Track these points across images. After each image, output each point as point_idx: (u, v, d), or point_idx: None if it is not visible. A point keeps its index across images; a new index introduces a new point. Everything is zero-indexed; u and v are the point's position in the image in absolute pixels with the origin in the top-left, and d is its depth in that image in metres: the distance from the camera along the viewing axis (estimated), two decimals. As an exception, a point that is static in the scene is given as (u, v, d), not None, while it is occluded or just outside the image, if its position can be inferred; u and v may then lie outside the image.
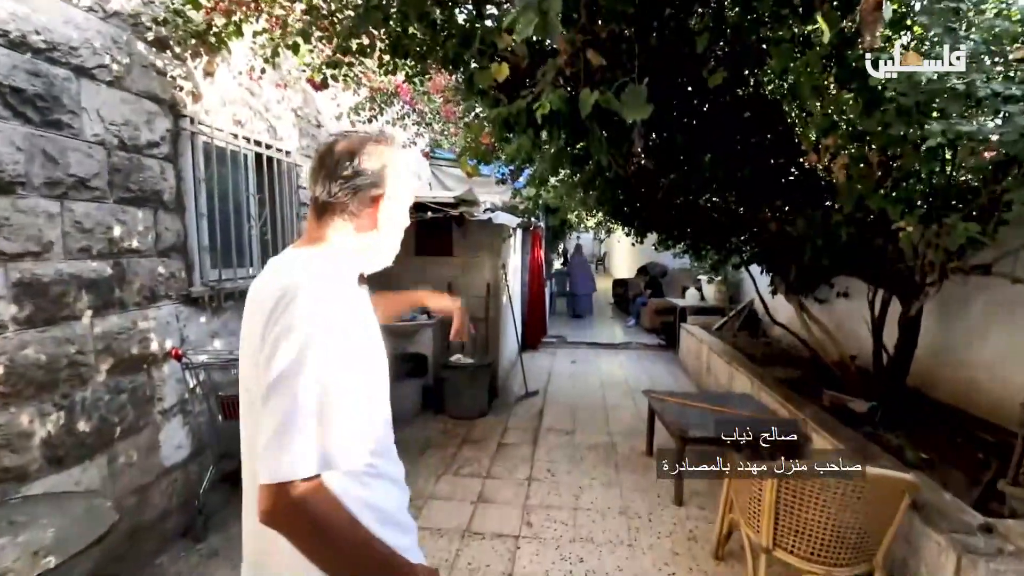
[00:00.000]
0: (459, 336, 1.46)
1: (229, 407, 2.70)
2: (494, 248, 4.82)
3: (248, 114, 3.32)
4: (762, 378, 3.92)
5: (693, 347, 5.87)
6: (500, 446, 3.92)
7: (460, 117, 3.22)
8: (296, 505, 0.73)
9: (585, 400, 5.04)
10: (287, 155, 3.75)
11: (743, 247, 4.18)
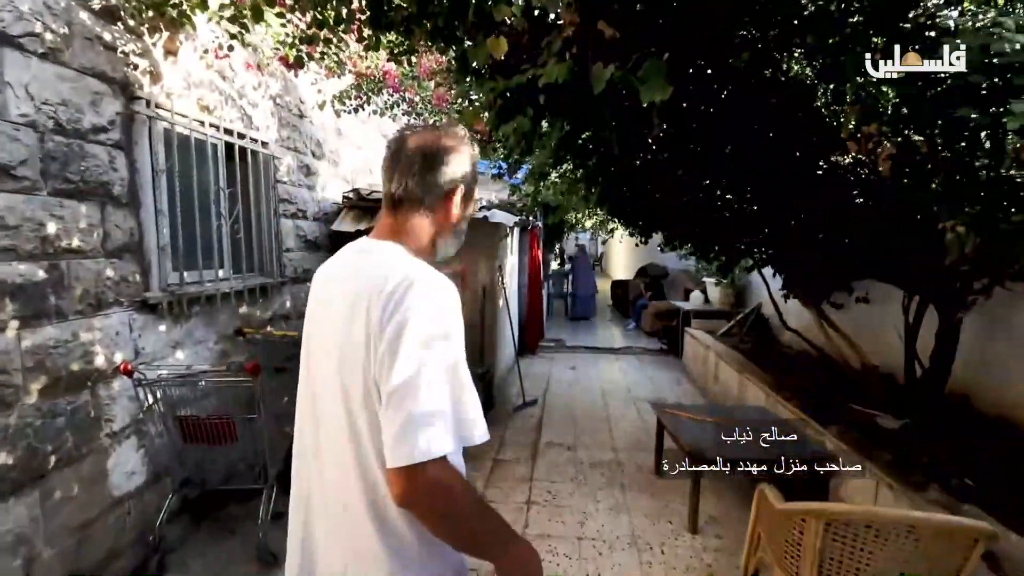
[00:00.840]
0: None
1: (190, 428, 2.39)
2: (490, 249, 4.52)
3: (218, 99, 3.00)
4: (778, 389, 3.64)
5: (698, 353, 5.59)
6: (496, 463, 3.62)
7: (451, 103, 2.92)
8: (436, 483, 0.76)
9: (586, 410, 4.74)
10: (264, 146, 3.44)
11: (758, 248, 3.90)
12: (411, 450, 0.75)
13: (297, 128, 3.96)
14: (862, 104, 2.10)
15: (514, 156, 2.90)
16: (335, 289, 0.94)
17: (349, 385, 0.84)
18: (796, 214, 3.13)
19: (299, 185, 4.02)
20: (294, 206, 3.93)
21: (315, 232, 4.28)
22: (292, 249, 3.91)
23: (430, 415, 0.76)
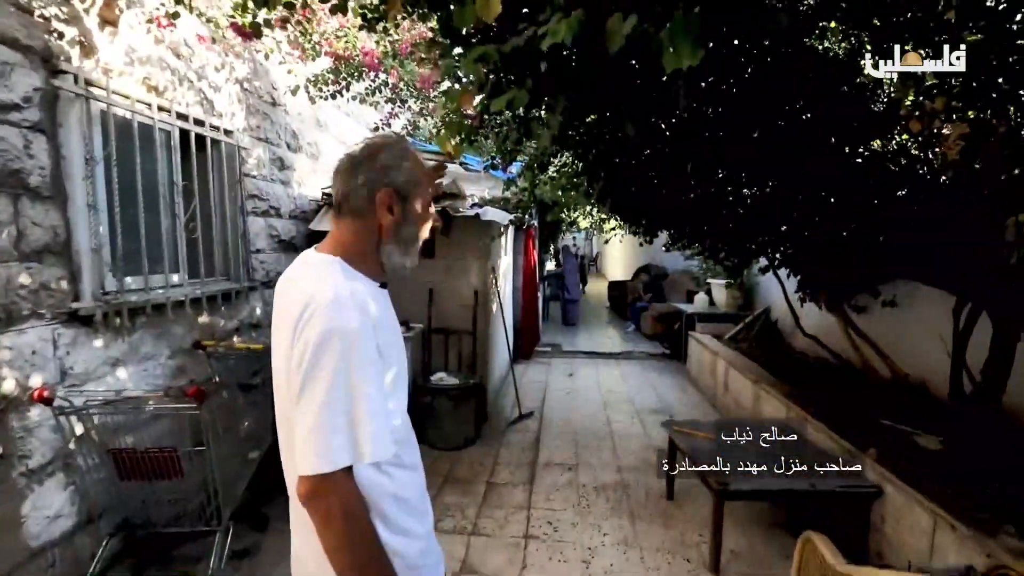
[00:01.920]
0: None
1: (126, 462, 2.01)
2: (482, 248, 4.16)
3: (170, 80, 2.63)
4: (800, 403, 3.31)
5: (705, 359, 5.26)
6: (489, 487, 3.26)
7: (437, 82, 2.57)
8: (327, 494, 0.81)
9: (587, 424, 4.39)
10: (228, 135, 3.06)
11: (774, 247, 3.57)
12: (303, 462, 0.81)
13: (269, 117, 3.59)
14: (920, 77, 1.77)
15: (508, 144, 2.55)
16: (279, 302, 0.97)
17: (282, 396, 0.93)
18: (825, 207, 2.80)
19: (272, 180, 3.65)
20: (265, 203, 3.55)
21: (291, 231, 3.91)
22: (263, 250, 3.53)
23: (322, 432, 0.81)
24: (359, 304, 0.87)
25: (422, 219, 1.01)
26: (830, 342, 4.10)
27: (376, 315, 0.90)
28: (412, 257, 1.01)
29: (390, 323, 0.98)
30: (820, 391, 3.70)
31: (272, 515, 2.79)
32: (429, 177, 1.05)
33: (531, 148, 2.96)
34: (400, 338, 1.02)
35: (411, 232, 0.99)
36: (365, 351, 0.85)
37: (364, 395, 0.84)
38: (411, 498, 0.99)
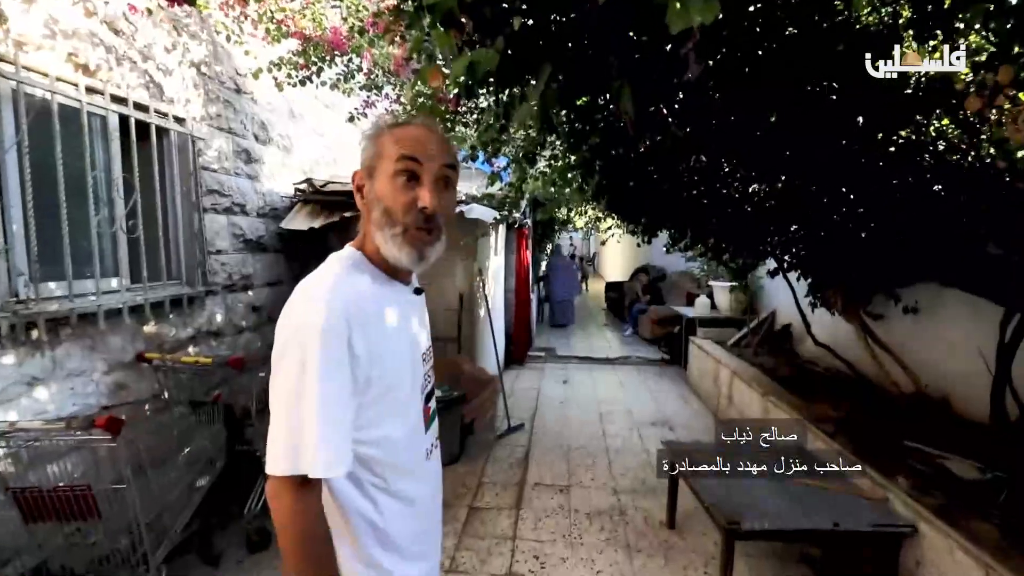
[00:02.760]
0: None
1: (30, 503, 1.70)
2: (468, 249, 3.85)
3: (105, 58, 2.31)
4: (814, 420, 3.01)
5: (707, 367, 4.96)
6: (472, 513, 2.96)
7: (407, 59, 2.26)
8: (272, 496, 0.77)
9: (581, 437, 4.09)
10: (180, 123, 2.75)
11: (788, 248, 3.27)
12: (269, 458, 0.77)
13: (232, 105, 3.27)
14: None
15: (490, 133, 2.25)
16: None
17: None
18: (845, 203, 2.50)
19: (236, 174, 3.34)
20: (228, 199, 3.24)
21: (258, 230, 3.59)
22: (225, 251, 3.22)
23: (276, 434, 0.77)
24: (338, 299, 0.79)
25: (386, 195, 0.85)
26: (843, 351, 3.80)
27: (368, 313, 0.83)
28: (396, 247, 0.86)
29: (398, 328, 0.90)
30: (833, 406, 3.41)
31: (227, 546, 2.49)
32: (397, 142, 0.86)
33: (518, 138, 2.67)
34: (414, 349, 0.95)
35: (377, 213, 0.87)
36: (326, 351, 0.76)
37: (315, 400, 0.75)
38: (395, 534, 0.89)
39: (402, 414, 0.90)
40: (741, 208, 3.27)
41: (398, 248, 0.86)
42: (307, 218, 3.78)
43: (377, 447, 0.86)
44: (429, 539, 1.00)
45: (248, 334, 3.46)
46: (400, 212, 0.85)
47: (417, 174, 0.85)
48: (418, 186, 0.86)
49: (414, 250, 0.86)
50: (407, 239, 0.86)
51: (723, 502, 2.17)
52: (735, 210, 3.25)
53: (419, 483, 0.94)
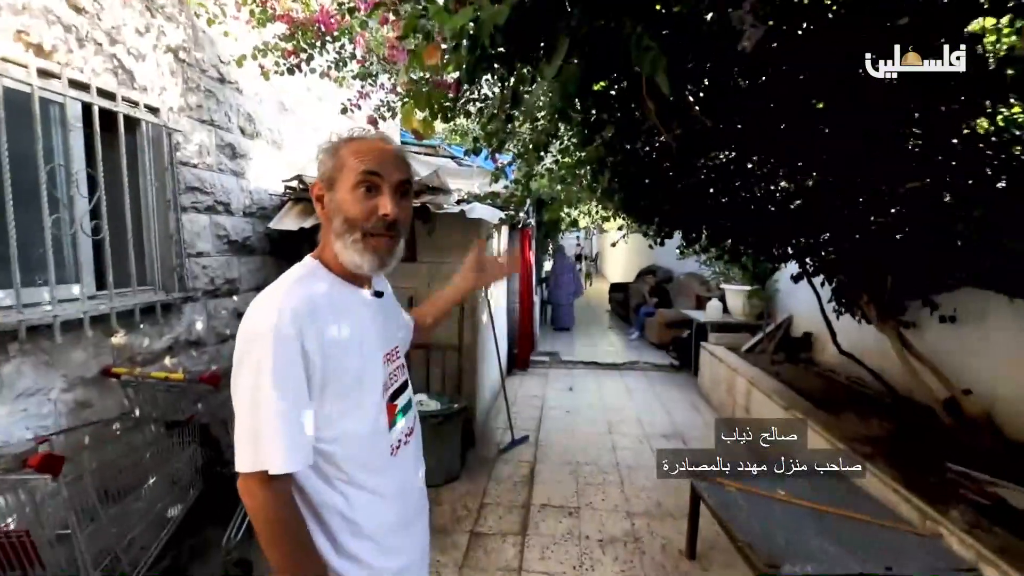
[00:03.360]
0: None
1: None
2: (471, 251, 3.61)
3: (63, 38, 2.07)
4: (847, 438, 2.77)
5: (720, 375, 4.71)
6: (473, 539, 2.71)
7: (400, 38, 2.02)
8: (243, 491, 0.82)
9: (589, 452, 3.84)
10: (154, 113, 2.50)
11: (816, 251, 3.03)
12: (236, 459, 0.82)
13: (215, 95, 3.02)
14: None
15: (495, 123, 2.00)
16: None
17: None
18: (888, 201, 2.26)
19: (219, 170, 3.09)
20: (210, 196, 2.99)
21: (244, 231, 3.35)
22: (207, 253, 2.97)
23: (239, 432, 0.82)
24: (288, 304, 0.83)
25: (347, 206, 0.90)
26: (869, 360, 3.55)
27: (322, 316, 0.86)
28: (356, 254, 0.91)
29: (356, 331, 0.92)
30: (863, 421, 3.16)
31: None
32: (357, 155, 0.91)
33: (525, 131, 2.42)
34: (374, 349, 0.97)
35: (338, 222, 0.91)
36: (278, 353, 0.81)
37: (270, 400, 0.80)
38: (366, 525, 0.93)
39: (362, 412, 0.93)
40: (764, 208, 3.03)
41: (359, 254, 0.91)
42: (297, 218, 3.53)
43: (337, 443, 0.89)
44: (408, 534, 1.03)
45: (233, 343, 3.21)
46: (361, 219, 0.90)
47: (377, 185, 0.91)
48: (378, 195, 0.91)
49: (375, 256, 0.92)
50: (367, 245, 0.91)
51: (758, 539, 1.92)
52: (757, 210, 3.01)
53: (385, 478, 0.97)
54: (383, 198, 0.91)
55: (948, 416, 2.57)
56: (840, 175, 2.29)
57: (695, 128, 2.26)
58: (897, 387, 3.43)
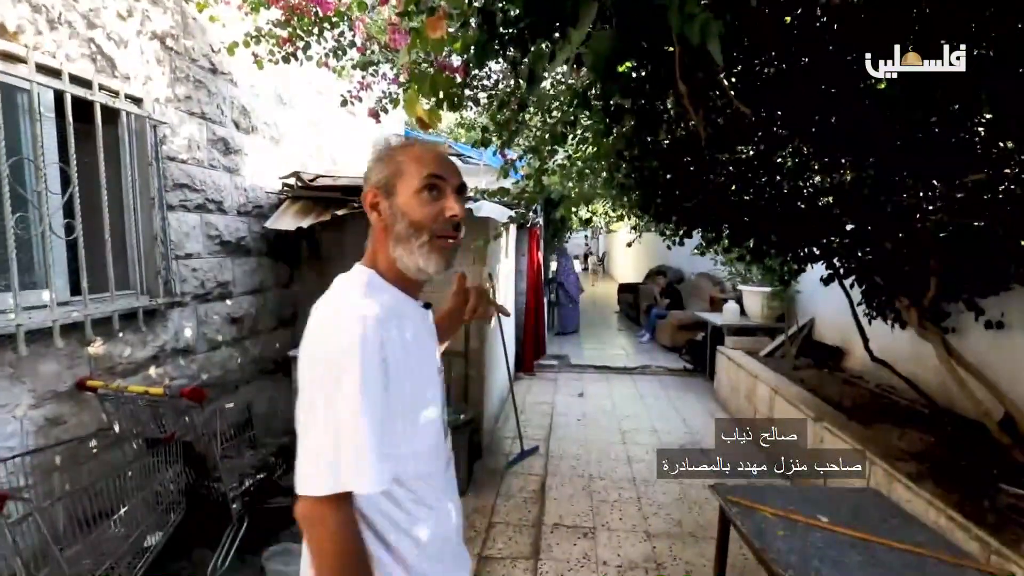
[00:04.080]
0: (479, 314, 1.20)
1: None
2: (477, 252, 3.41)
3: (31, 19, 1.88)
4: (890, 457, 2.54)
5: (739, 381, 4.49)
6: (483, 563, 2.51)
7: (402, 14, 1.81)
8: (304, 517, 0.76)
9: (603, 463, 3.63)
10: (136, 103, 2.32)
11: (849, 251, 2.81)
12: (298, 481, 0.76)
13: (206, 86, 2.84)
14: None
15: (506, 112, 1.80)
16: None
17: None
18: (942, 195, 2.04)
19: (211, 166, 2.91)
20: (200, 194, 2.81)
21: (238, 231, 3.16)
22: (197, 255, 2.79)
23: (311, 454, 0.76)
24: (369, 317, 0.79)
25: (413, 209, 0.87)
26: (903, 367, 3.32)
27: (392, 330, 0.82)
28: (422, 257, 0.88)
29: (416, 342, 0.90)
30: (899, 432, 2.94)
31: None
32: (418, 161, 0.89)
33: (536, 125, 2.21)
34: (431, 363, 0.95)
35: (402, 227, 0.88)
36: (365, 368, 0.76)
37: (357, 416, 0.75)
38: (433, 545, 0.90)
39: (428, 427, 0.91)
40: (792, 205, 2.82)
41: (425, 257, 0.88)
42: (295, 217, 3.34)
43: (408, 461, 0.86)
44: (460, 550, 1.01)
45: (226, 350, 3.03)
46: (429, 221, 0.88)
47: (441, 188, 0.90)
48: (442, 198, 0.90)
49: (441, 257, 0.89)
50: (434, 247, 0.88)
51: (797, 571, 1.71)
52: (784, 207, 2.80)
53: (445, 494, 0.96)
54: (448, 200, 0.90)
55: (1004, 435, 2.33)
56: (888, 168, 2.07)
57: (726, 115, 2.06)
58: (935, 397, 3.20)
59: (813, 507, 2.14)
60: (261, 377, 3.39)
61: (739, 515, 2.10)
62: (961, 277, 2.64)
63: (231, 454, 2.76)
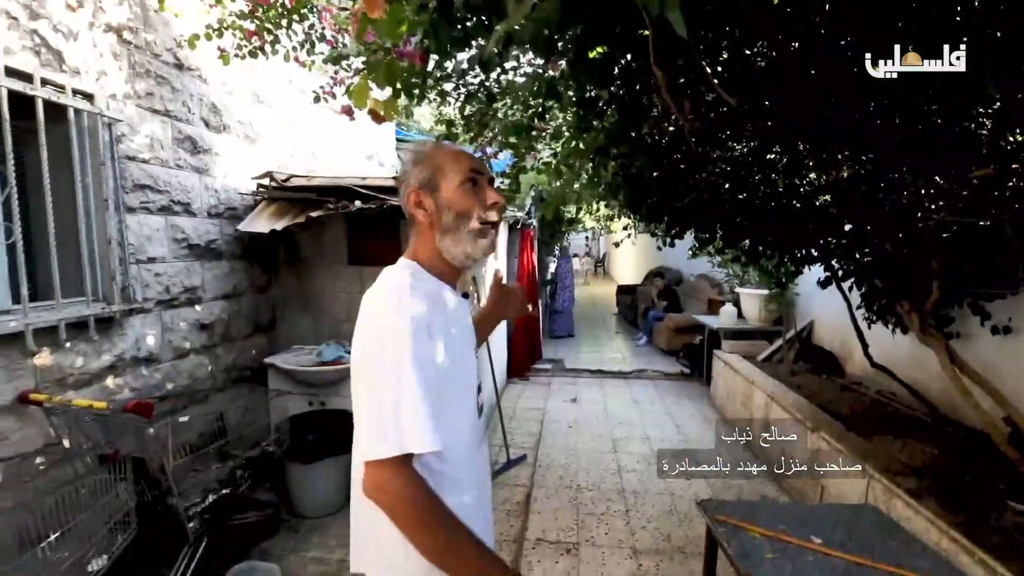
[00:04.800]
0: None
1: None
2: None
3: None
4: (891, 472, 2.40)
5: (736, 387, 4.34)
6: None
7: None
8: (375, 487, 0.81)
9: (592, 474, 3.49)
10: (87, 99, 2.19)
11: (848, 252, 2.67)
12: (365, 449, 0.82)
13: (169, 83, 2.71)
14: None
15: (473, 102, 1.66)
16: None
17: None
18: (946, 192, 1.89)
19: (177, 166, 2.78)
20: (165, 195, 2.68)
21: (208, 234, 3.04)
22: (161, 259, 2.66)
23: (372, 425, 0.83)
24: (417, 299, 0.87)
25: (458, 201, 0.96)
26: (903, 374, 3.17)
27: (436, 314, 0.89)
28: (470, 244, 0.97)
29: (457, 327, 0.97)
30: (900, 443, 2.79)
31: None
32: (456, 159, 0.99)
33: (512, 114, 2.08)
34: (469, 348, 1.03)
35: (449, 218, 0.96)
36: (416, 342, 0.83)
37: (413, 384, 0.82)
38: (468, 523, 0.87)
39: (465, 409, 0.97)
40: (787, 205, 2.68)
41: (472, 243, 0.96)
42: (270, 219, 3.22)
43: (448, 435, 0.88)
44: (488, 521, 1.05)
45: (195, 358, 2.90)
46: (474, 209, 0.96)
47: (479, 181, 0.99)
48: (481, 190, 0.98)
49: (488, 242, 0.98)
50: (480, 234, 0.97)
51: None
52: (779, 207, 2.66)
53: (479, 470, 1.02)
54: (487, 190, 0.98)
55: (1011, 448, 2.19)
56: (887, 164, 1.92)
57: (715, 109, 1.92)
58: (938, 405, 3.05)
59: (806, 526, 1.99)
60: (235, 385, 3.27)
61: (726, 535, 1.95)
62: (965, 279, 2.50)
63: (198, 467, 2.63)
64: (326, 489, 2.89)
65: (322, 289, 3.65)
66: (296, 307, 3.66)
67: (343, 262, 3.64)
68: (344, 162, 4.86)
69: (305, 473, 2.80)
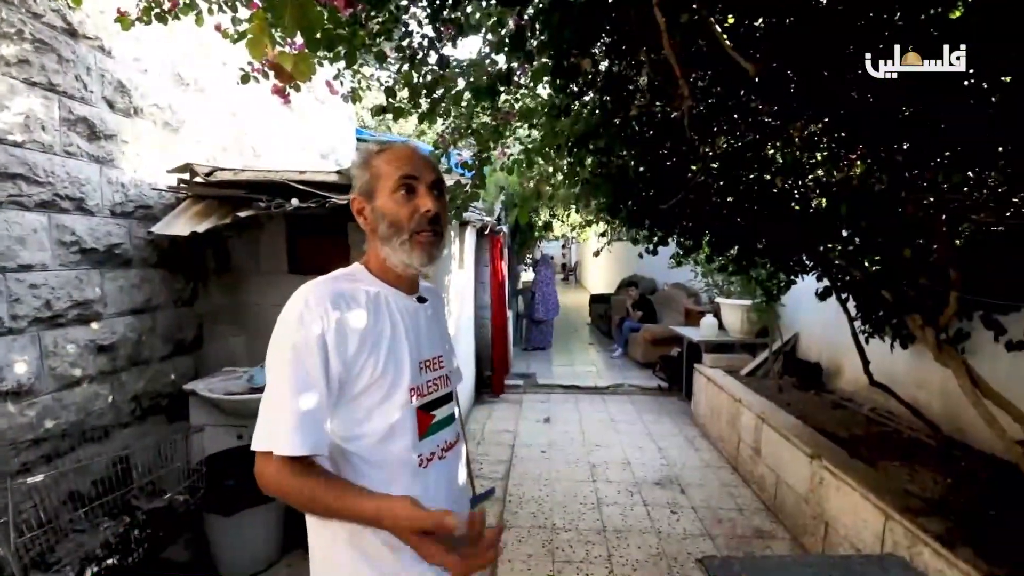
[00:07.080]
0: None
1: None
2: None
3: None
4: (908, 512, 2.09)
5: (720, 405, 4.03)
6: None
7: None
8: (257, 470, 0.83)
9: (570, 509, 3.10)
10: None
11: (851, 260, 2.38)
12: (254, 438, 0.84)
13: (55, 50, 2.22)
14: None
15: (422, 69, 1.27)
16: None
17: None
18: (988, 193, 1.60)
19: (66, 153, 2.28)
20: (46, 188, 2.18)
21: (111, 236, 2.53)
22: (40, 266, 2.15)
23: (261, 416, 0.84)
24: (315, 296, 0.86)
25: (390, 210, 0.93)
26: (902, 393, 2.92)
27: (352, 315, 0.88)
28: (405, 254, 0.93)
29: (387, 331, 0.92)
30: (908, 470, 2.51)
31: None
32: (393, 163, 0.95)
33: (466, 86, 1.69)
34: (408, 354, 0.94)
35: (383, 229, 0.94)
36: (296, 342, 0.83)
37: (286, 386, 0.82)
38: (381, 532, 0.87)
39: (385, 414, 0.91)
40: (786, 206, 2.40)
41: (408, 254, 0.93)
42: (192, 220, 2.73)
43: (359, 443, 0.89)
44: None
45: (88, 387, 2.38)
46: (405, 220, 0.93)
47: (414, 187, 0.94)
48: (416, 197, 0.94)
49: (423, 252, 0.94)
50: (415, 243, 0.93)
51: None
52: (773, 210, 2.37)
53: (409, 491, 0.86)
54: (422, 197, 0.94)
55: None
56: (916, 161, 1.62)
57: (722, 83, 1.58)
58: (940, 425, 2.80)
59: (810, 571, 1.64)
60: (147, 418, 2.74)
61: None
62: (980, 290, 2.24)
63: (81, 527, 2.11)
64: (253, 543, 2.40)
65: (257, 302, 3.16)
66: (226, 323, 3.16)
67: (282, 271, 3.17)
68: (294, 160, 4.38)
69: (226, 527, 2.31)
